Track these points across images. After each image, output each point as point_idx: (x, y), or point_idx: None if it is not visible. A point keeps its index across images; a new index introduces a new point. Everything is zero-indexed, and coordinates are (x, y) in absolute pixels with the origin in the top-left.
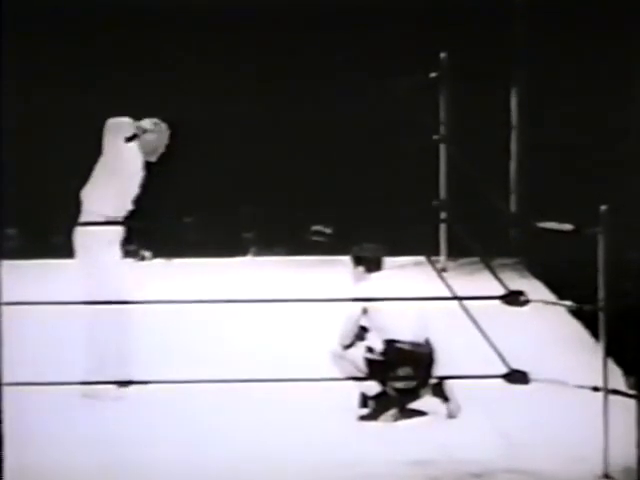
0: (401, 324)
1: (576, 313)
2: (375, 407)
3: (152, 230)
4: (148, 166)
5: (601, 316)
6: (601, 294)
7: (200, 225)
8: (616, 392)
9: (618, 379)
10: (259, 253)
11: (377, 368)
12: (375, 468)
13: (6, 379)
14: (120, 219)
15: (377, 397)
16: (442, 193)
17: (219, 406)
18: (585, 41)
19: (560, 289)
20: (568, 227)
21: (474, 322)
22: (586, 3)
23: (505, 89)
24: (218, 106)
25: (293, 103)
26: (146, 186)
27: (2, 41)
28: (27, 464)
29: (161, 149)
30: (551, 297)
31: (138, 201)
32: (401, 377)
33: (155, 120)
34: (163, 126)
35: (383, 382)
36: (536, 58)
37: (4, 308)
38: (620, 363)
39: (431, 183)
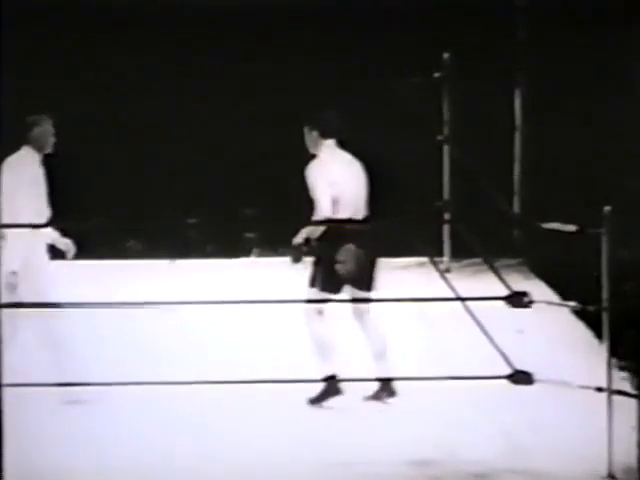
0: None
1: (580, 314)
2: (325, 390)
3: (155, 231)
4: (152, 165)
5: (604, 316)
6: (604, 294)
7: (203, 226)
8: (620, 392)
9: (622, 380)
10: (262, 254)
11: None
12: (377, 468)
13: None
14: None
15: (328, 379)
16: (445, 194)
17: (216, 405)
18: (586, 41)
19: (563, 290)
20: (571, 228)
21: (478, 323)
22: (586, 3)
23: (508, 90)
24: (219, 106)
25: (294, 103)
26: (149, 187)
27: (2, 41)
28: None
29: (52, 139)
30: (555, 298)
31: (140, 201)
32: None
33: (36, 116)
34: (44, 117)
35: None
36: (538, 59)
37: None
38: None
39: (434, 184)
